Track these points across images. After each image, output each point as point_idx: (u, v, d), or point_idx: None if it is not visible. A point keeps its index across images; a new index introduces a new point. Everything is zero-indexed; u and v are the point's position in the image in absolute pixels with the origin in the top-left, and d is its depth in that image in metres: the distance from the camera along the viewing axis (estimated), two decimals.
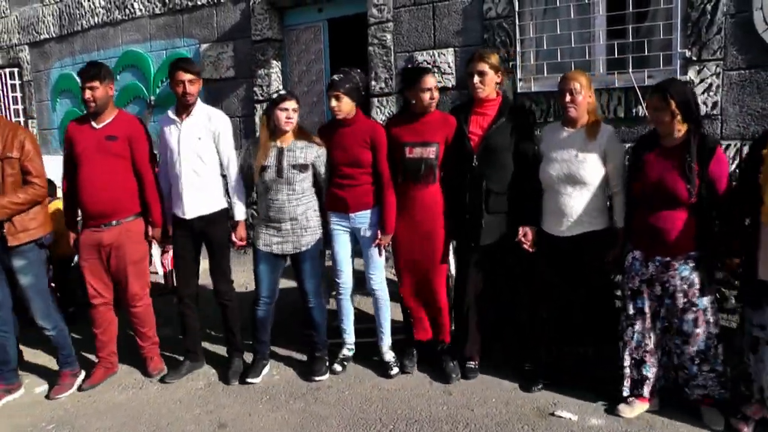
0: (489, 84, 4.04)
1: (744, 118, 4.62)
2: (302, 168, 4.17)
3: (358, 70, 4.34)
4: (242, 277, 5.90)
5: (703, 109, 4.63)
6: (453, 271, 4.73)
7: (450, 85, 5.94)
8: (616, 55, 5.13)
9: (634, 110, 4.96)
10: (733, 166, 4.53)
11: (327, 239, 4.43)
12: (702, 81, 4.70)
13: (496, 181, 4.03)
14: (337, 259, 4.40)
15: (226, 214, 4.45)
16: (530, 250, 4.00)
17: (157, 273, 6.42)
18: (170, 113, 4.37)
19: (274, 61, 7.15)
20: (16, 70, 10.07)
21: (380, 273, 4.40)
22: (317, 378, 4.38)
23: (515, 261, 4.12)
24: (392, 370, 4.38)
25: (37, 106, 9.90)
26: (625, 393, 3.76)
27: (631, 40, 5.06)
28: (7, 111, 10.02)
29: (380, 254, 4.37)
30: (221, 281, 4.49)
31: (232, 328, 4.53)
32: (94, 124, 4.28)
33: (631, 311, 3.70)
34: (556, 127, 3.97)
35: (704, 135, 3.59)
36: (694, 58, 4.76)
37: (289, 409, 4.03)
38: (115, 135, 4.27)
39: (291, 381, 4.40)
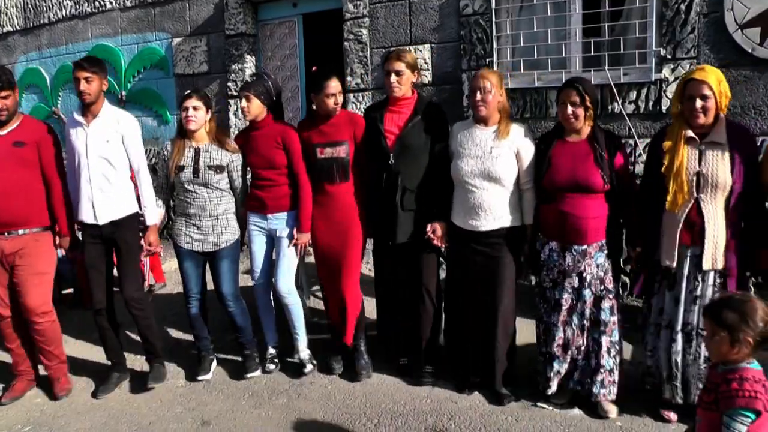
0: (406, 83, 4.07)
1: None
2: (218, 169, 4.19)
3: (272, 76, 4.43)
4: None
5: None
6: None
7: (426, 81, 5.98)
8: (592, 53, 5.21)
9: (609, 107, 5.05)
10: None
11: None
12: (676, 79, 4.78)
13: (412, 178, 4.07)
14: (254, 259, 4.42)
15: (137, 218, 4.33)
16: (440, 245, 4.08)
17: None
18: (75, 115, 4.19)
19: (248, 56, 7.13)
20: None
21: (290, 277, 4.36)
22: (249, 375, 4.40)
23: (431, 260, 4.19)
24: (305, 368, 4.42)
25: None
26: (553, 387, 3.83)
27: (606, 38, 5.15)
28: None
29: (297, 255, 4.38)
30: (131, 288, 4.30)
31: (148, 337, 4.42)
32: None
33: (550, 302, 3.79)
34: (468, 124, 4.01)
35: (608, 131, 3.86)
36: (669, 57, 4.86)
37: (273, 405, 4.04)
38: (23, 141, 4.09)
39: (273, 378, 4.39)
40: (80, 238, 4.37)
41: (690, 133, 3.40)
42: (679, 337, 3.49)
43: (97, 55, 8.07)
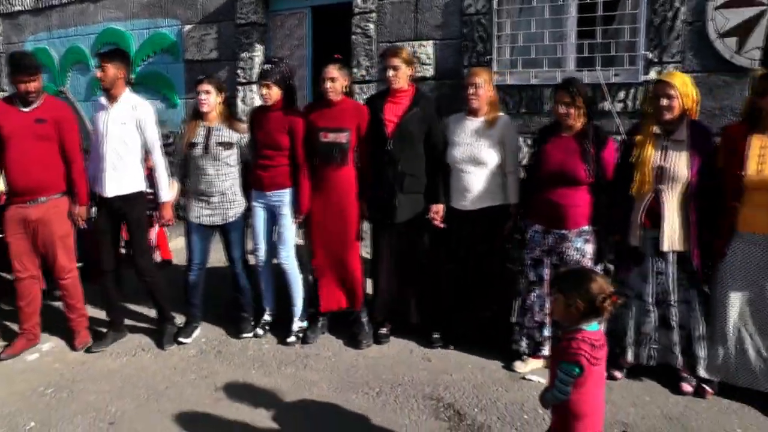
0: (402, 77, 4.45)
1: (698, 116, 5.07)
2: (227, 146, 4.60)
3: (286, 61, 4.83)
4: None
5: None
6: None
7: (429, 75, 6.31)
8: (585, 54, 5.56)
9: (600, 105, 5.38)
10: None
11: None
12: None
13: (409, 163, 4.45)
14: (255, 232, 4.78)
15: (143, 195, 4.71)
16: (441, 225, 4.48)
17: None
18: (102, 98, 4.62)
19: (258, 45, 7.39)
20: None
21: (290, 249, 4.75)
22: (242, 335, 4.83)
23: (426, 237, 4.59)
24: (290, 338, 4.75)
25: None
26: (523, 350, 4.31)
27: (599, 40, 5.51)
28: None
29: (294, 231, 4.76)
30: (141, 258, 4.72)
31: (159, 301, 4.84)
32: (22, 108, 4.42)
33: (533, 278, 4.21)
34: (461, 117, 4.48)
35: (598, 127, 4.21)
36: (656, 60, 5.21)
37: (281, 375, 4.29)
38: (44, 118, 4.43)
39: (280, 349, 4.67)
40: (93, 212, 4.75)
41: (656, 129, 3.87)
42: (652, 308, 3.96)
43: (107, 38, 8.43)
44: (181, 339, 4.77)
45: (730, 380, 3.87)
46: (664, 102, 3.79)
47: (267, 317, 4.97)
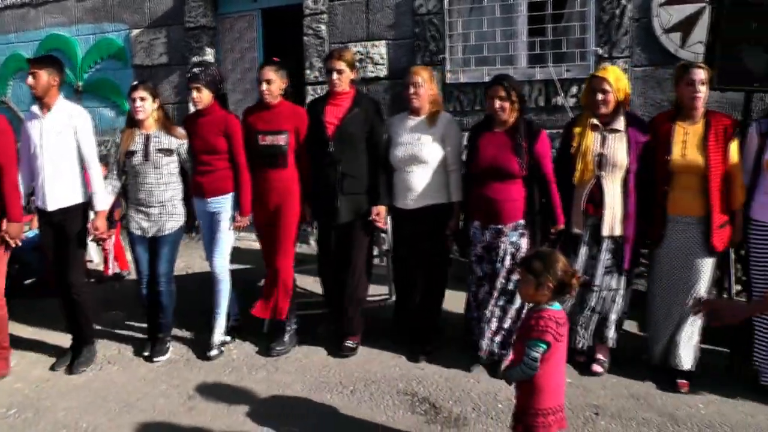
0: (345, 80, 4.46)
1: (647, 108, 5.29)
2: (167, 152, 4.49)
3: (215, 65, 4.81)
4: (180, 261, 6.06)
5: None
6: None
7: (383, 75, 6.37)
8: (537, 51, 5.71)
9: (553, 100, 5.53)
10: None
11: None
12: None
13: (350, 165, 4.44)
14: (205, 241, 4.74)
15: (84, 207, 4.52)
16: (383, 226, 4.55)
17: (92, 261, 6.55)
18: (34, 107, 4.40)
19: (208, 49, 7.34)
20: None
21: (224, 257, 4.67)
22: (156, 359, 4.60)
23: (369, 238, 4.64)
24: (211, 351, 4.63)
25: None
26: (484, 347, 4.30)
27: (550, 37, 5.65)
28: None
29: (233, 235, 4.72)
30: (73, 273, 4.45)
31: (81, 320, 4.55)
32: None
33: (480, 274, 4.31)
34: (403, 117, 4.52)
35: (530, 121, 4.36)
36: (606, 56, 5.39)
37: (253, 379, 4.28)
38: None
39: (250, 354, 4.65)
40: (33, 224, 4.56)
41: (594, 120, 4.04)
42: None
43: (51, 44, 8.21)
44: (156, 358, 4.62)
45: (675, 363, 4.05)
46: (600, 96, 3.96)
47: (233, 323, 4.93)
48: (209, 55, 7.33)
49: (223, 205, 4.58)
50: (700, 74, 3.80)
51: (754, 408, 3.72)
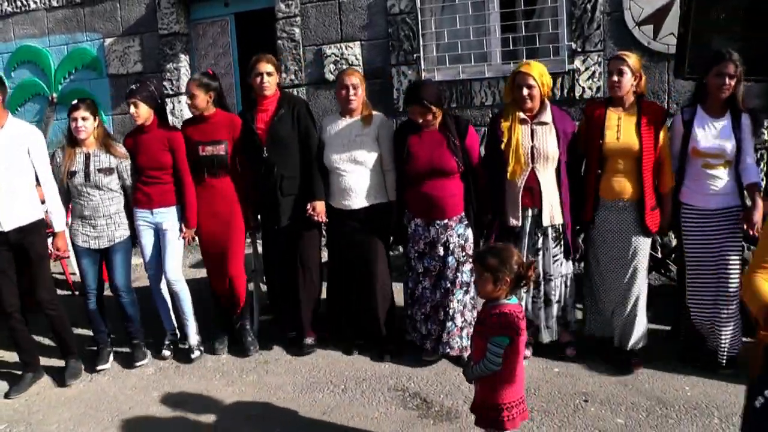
0: (273, 83, 4.54)
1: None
2: (108, 171, 4.52)
3: (155, 81, 4.89)
4: None
5: (588, 93, 5.45)
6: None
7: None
8: (510, 47, 5.79)
9: None
10: None
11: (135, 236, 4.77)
12: (587, 69, 5.45)
13: (286, 166, 4.53)
14: (145, 253, 4.75)
15: (43, 224, 4.51)
16: (321, 221, 4.58)
17: (74, 273, 6.47)
18: None
19: (183, 55, 7.31)
20: None
21: (177, 266, 4.74)
22: (138, 363, 4.71)
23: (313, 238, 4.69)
24: (193, 353, 4.76)
25: None
26: (428, 345, 4.42)
27: (523, 33, 5.73)
28: None
29: (183, 246, 4.79)
30: (43, 291, 4.43)
31: (61, 334, 4.58)
32: None
33: (420, 270, 4.39)
34: (335, 118, 4.60)
35: (457, 117, 4.48)
36: (579, 50, 5.48)
37: (244, 382, 4.33)
38: None
39: (239, 358, 4.70)
40: None
41: (522, 115, 4.13)
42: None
43: (23, 56, 8.16)
44: (100, 366, 4.66)
45: (609, 334, 4.27)
46: (525, 92, 4.05)
47: (170, 337, 4.93)
48: (183, 62, 7.31)
49: (168, 216, 4.64)
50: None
51: (738, 389, 3.79)
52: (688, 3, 4.23)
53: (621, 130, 4.02)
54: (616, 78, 3.99)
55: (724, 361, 4.00)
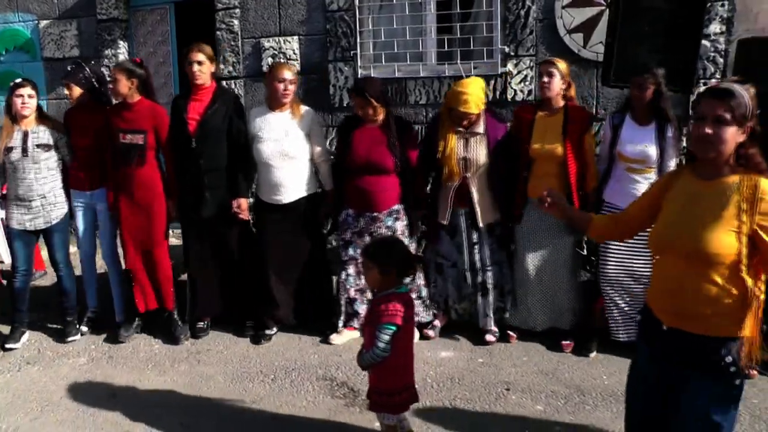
0: (206, 72, 4.59)
1: None
2: (46, 147, 4.63)
3: (92, 63, 5.06)
4: None
5: (520, 96, 5.65)
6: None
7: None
8: (446, 48, 5.94)
9: None
10: None
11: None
12: (519, 72, 5.65)
13: (213, 159, 4.59)
14: (80, 232, 4.90)
15: None
16: (246, 218, 4.72)
17: (2, 262, 6.41)
18: None
19: (121, 42, 7.22)
20: None
21: (112, 244, 4.96)
22: (69, 339, 4.85)
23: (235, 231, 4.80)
24: (120, 334, 4.87)
25: None
26: (340, 325, 4.71)
27: (458, 35, 5.88)
28: None
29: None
30: None
31: None
32: None
33: (345, 257, 4.61)
34: (263, 111, 4.68)
35: (400, 117, 4.77)
36: (512, 54, 5.67)
37: (176, 372, 4.38)
38: None
39: (171, 348, 4.74)
40: None
41: (458, 128, 4.36)
42: (468, 274, 4.52)
43: None
44: (8, 345, 4.71)
45: (531, 325, 4.57)
46: (462, 109, 4.24)
47: (90, 314, 5.05)
48: (122, 48, 7.21)
49: (102, 197, 4.76)
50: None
51: None
52: (615, 14, 4.44)
53: (547, 134, 4.25)
54: (546, 79, 4.22)
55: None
